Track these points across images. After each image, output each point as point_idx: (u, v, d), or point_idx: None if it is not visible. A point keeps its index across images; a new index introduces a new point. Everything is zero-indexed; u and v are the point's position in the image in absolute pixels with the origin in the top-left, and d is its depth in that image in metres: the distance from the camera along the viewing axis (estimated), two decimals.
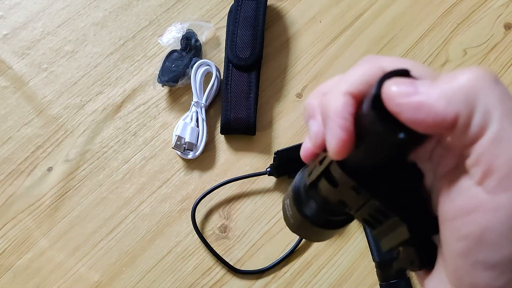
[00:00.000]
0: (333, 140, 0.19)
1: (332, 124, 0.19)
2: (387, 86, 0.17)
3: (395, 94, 0.16)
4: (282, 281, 0.51)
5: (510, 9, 0.60)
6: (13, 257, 0.51)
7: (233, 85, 0.55)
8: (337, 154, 0.19)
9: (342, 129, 0.18)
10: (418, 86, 0.16)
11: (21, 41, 0.59)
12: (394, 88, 0.16)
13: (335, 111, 0.19)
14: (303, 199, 0.25)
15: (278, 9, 0.60)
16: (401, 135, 0.17)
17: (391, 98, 0.16)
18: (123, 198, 0.53)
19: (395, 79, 0.17)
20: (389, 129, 0.17)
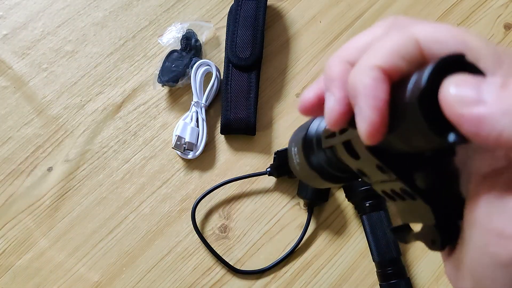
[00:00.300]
0: (364, 124, 0.16)
1: (363, 104, 0.16)
2: (446, 88, 0.14)
3: (456, 100, 0.14)
4: (282, 281, 0.51)
5: (510, 9, 0.60)
6: (13, 257, 0.51)
7: (233, 85, 0.55)
8: (369, 140, 0.17)
9: (376, 110, 0.16)
10: (483, 91, 0.14)
11: (21, 41, 0.59)
12: (454, 92, 0.14)
13: (366, 89, 0.16)
14: (315, 152, 0.23)
15: (278, 9, 0.60)
16: (451, 138, 0.15)
17: (450, 104, 0.14)
18: (123, 198, 0.53)
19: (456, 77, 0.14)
20: (436, 132, 0.15)
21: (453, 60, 0.15)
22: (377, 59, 0.17)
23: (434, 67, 0.15)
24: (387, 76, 0.17)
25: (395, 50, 0.17)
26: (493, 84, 0.14)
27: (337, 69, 0.19)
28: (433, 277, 0.51)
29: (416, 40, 0.17)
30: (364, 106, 0.16)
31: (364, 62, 0.17)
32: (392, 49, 0.17)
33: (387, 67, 0.17)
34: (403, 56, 0.17)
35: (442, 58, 0.15)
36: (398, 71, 0.17)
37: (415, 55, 0.17)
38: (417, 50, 0.17)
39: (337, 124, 0.18)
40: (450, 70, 0.15)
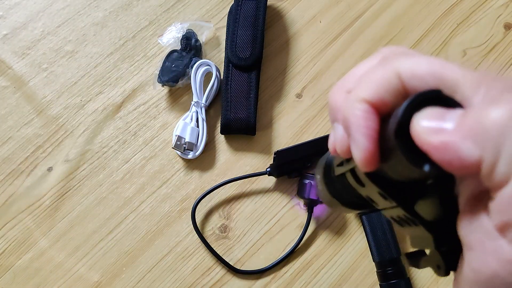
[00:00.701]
0: (358, 152, 0.18)
1: (355, 133, 0.18)
2: (415, 120, 0.16)
3: (423, 131, 0.16)
4: (282, 281, 0.51)
5: (510, 9, 0.60)
6: (13, 257, 0.51)
7: (233, 85, 0.55)
8: (364, 166, 0.18)
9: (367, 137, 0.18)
10: (446, 120, 0.16)
11: (21, 41, 0.59)
12: (421, 123, 0.16)
13: (357, 119, 0.18)
14: (333, 181, 0.25)
15: (278, 9, 0.60)
16: (426, 168, 0.16)
17: (418, 134, 0.16)
18: (123, 198, 0.53)
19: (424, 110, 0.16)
20: (413, 162, 0.16)
21: (429, 95, 0.16)
22: (364, 93, 0.18)
23: (409, 102, 0.16)
24: (374, 109, 0.18)
25: (380, 84, 0.18)
26: (455, 112, 0.16)
27: (339, 100, 0.21)
28: (433, 277, 0.51)
29: (398, 75, 0.18)
30: (356, 134, 0.18)
31: (353, 96, 0.19)
32: (377, 83, 0.18)
33: (374, 100, 0.18)
34: (387, 90, 0.18)
35: (417, 94, 0.16)
36: (384, 104, 0.18)
37: (398, 89, 0.18)
38: (400, 84, 0.18)
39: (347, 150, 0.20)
40: (427, 104, 0.16)
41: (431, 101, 0.16)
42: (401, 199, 0.19)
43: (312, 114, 0.56)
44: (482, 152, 0.15)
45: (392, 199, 0.19)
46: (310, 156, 0.52)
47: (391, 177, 0.19)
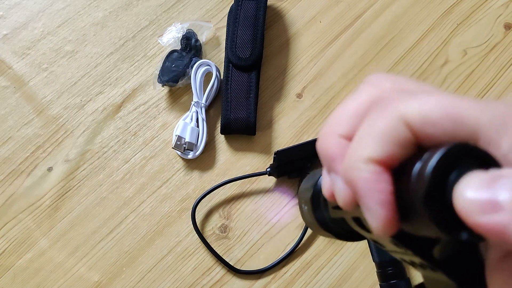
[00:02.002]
0: (375, 221, 0.15)
1: (369, 201, 0.15)
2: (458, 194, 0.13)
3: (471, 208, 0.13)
4: (282, 281, 0.51)
5: (510, 9, 0.60)
6: (13, 257, 0.51)
7: (233, 85, 0.55)
8: (385, 234, 0.15)
9: (384, 205, 0.15)
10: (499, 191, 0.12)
11: (21, 41, 0.59)
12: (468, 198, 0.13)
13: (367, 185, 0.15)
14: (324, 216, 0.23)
15: (278, 9, 0.60)
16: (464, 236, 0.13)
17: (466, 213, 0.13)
18: (123, 198, 0.53)
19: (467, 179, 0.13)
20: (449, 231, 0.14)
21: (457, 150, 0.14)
22: (369, 150, 0.15)
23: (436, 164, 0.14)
24: (384, 166, 0.15)
25: (386, 137, 0.15)
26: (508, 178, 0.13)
27: (334, 147, 0.18)
28: None
29: (405, 122, 0.15)
30: (370, 203, 0.15)
31: (355, 155, 0.16)
32: (382, 136, 0.15)
33: (382, 157, 0.15)
34: (395, 143, 0.15)
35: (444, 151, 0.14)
36: (394, 158, 0.15)
37: (408, 139, 0.15)
38: (410, 133, 0.15)
39: (352, 205, 0.17)
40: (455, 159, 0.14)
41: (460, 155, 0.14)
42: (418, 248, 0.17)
43: (313, 114, 0.56)
44: None
45: (408, 249, 0.17)
46: (310, 156, 0.52)
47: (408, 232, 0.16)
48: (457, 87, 0.57)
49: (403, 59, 0.58)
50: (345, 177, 0.16)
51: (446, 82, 0.57)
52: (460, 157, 0.14)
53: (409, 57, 0.58)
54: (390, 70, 0.58)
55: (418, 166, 0.14)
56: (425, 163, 0.14)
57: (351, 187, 0.16)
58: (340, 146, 0.18)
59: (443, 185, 0.14)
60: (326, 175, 0.19)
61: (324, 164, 0.19)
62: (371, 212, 0.15)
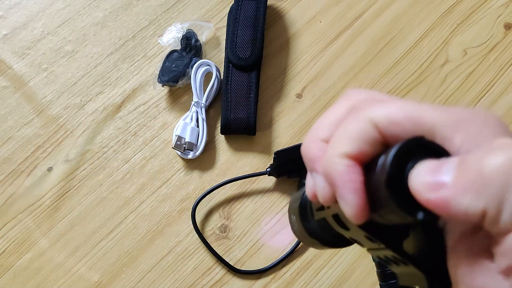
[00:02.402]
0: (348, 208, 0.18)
1: (342, 190, 0.18)
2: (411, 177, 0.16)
3: (421, 187, 0.16)
4: (282, 281, 0.51)
5: (510, 9, 0.60)
6: (13, 257, 0.51)
7: (233, 85, 0.55)
8: (357, 221, 0.18)
9: (356, 192, 0.18)
10: (443, 174, 0.15)
11: (21, 41, 0.59)
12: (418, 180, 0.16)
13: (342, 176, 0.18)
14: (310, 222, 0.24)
15: (278, 9, 0.60)
16: (420, 215, 0.16)
17: (417, 192, 0.16)
18: (123, 198, 0.53)
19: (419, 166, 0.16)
20: (409, 212, 0.16)
21: (413, 143, 0.16)
22: (343, 146, 0.18)
23: (396, 152, 0.16)
24: (356, 161, 0.18)
25: (358, 136, 0.18)
26: (451, 163, 0.16)
27: (315, 149, 0.20)
28: None
29: (374, 124, 0.18)
30: (343, 191, 0.18)
31: (332, 152, 0.18)
32: (355, 135, 0.18)
33: (354, 153, 0.18)
34: (365, 141, 0.18)
35: (402, 143, 0.16)
36: (364, 154, 0.18)
37: (376, 138, 0.18)
38: (377, 133, 0.18)
39: (331, 200, 0.19)
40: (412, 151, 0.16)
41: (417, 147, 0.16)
42: (389, 241, 0.19)
43: (313, 114, 0.56)
44: (485, 204, 0.15)
45: (380, 242, 0.19)
46: None
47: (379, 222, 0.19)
48: (457, 87, 0.57)
49: (403, 59, 0.58)
50: (324, 172, 0.19)
51: (446, 82, 0.57)
52: (416, 148, 0.16)
53: (409, 57, 0.58)
54: (390, 70, 0.58)
55: (382, 158, 0.17)
56: (387, 155, 0.17)
57: (329, 181, 0.19)
58: (320, 148, 0.20)
59: (402, 173, 0.16)
60: (309, 176, 0.21)
61: (307, 166, 0.21)
62: (345, 201, 0.18)
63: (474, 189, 0.15)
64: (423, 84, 0.57)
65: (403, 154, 0.16)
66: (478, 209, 0.15)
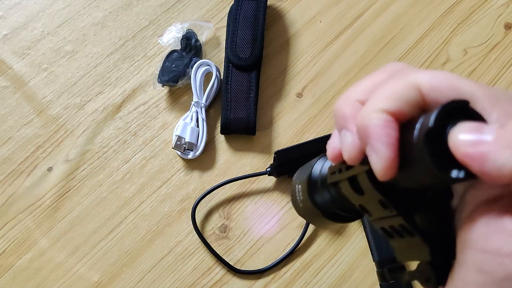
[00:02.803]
0: (379, 161, 0.18)
1: (376, 142, 0.18)
2: (454, 134, 0.16)
3: (462, 143, 0.16)
4: (282, 281, 0.51)
5: (510, 9, 0.60)
6: (13, 257, 0.51)
7: (233, 85, 0.55)
8: (384, 175, 0.18)
9: (389, 146, 0.18)
10: (485, 133, 0.16)
11: (21, 41, 0.59)
12: (461, 137, 0.16)
13: (378, 129, 0.18)
14: (319, 190, 0.24)
15: (278, 9, 0.60)
16: (454, 174, 0.16)
17: (458, 147, 0.16)
18: (123, 198, 0.53)
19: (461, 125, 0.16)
20: (443, 170, 0.16)
21: (457, 105, 0.17)
22: (383, 103, 0.18)
23: (440, 110, 0.16)
24: (394, 117, 0.18)
25: (399, 95, 0.18)
26: (492, 126, 0.16)
27: (349, 108, 0.20)
28: None
29: (417, 87, 0.18)
30: (377, 143, 0.18)
31: (371, 106, 0.19)
32: (396, 94, 0.18)
33: (393, 110, 0.18)
34: (406, 101, 0.18)
35: (448, 103, 0.17)
36: (403, 114, 0.18)
37: (417, 100, 0.18)
38: (419, 96, 0.18)
39: (356, 158, 0.20)
40: (453, 114, 0.17)
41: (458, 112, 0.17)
42: (403, 208, 0.19)
43: (313, 113, 0.56)
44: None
45: (394, 208, 0.19)
46: (310, 156, 0.51)
47: (399, 186, 0.19)
48: None
49: (403, 59, 0.58)
50: (359, 125, 0.19)
51: None
52: (458, 112, 0.17)
53: (410, 57, 0.58)
54: None
55: (422, 118, 0.17)
56: (429, 114, 0.17)
57: (362, 134, 0.19)
58: (354, 107, 0.20)
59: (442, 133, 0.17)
60: (335, 136, 0.21)
61: (337, 123, 0.21)
62: (377, 153, 0.18)
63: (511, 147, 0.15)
64: None
65: (447, 114, 0.17)
66: None
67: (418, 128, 0.17)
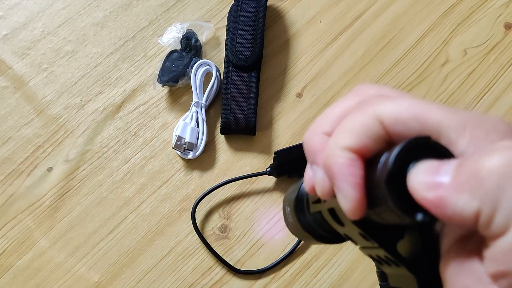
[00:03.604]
0: (345, 201, 0.17)
1: (341, 183, 0.17)
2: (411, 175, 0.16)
3: (419, 186, 0.16)
4: (282, 281, 0.51)
5: (510, 9, 0.60)
6: (13, 257, 0.51)
7: (233, 85, 0.55)
8: (353, 215, 0.18)
9: (355, 187, 0.17)
10: (442, 175, 0.15)
11: (21, 41, 0.59)
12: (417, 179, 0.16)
13: (342, 169, 0.17)
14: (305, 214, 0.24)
15: (278, 9, 0.60)
16: (419, 217, 0.16)
17: (415, 190, 0.16)
18: (123, 198, 0.53)
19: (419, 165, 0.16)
20: (407, 213, 0.16)
21: (419, 142, 0.16)
22: (346, 140, 0.18)
23: (400, 150, 0.16)
24: (358, 155, 0.18)
25: (362, 131, 0.18)
26: (451, 164, 0.16)
27: (317, 141, 0.20)
28: None
29: (380, 120, 0.17)
30: (343, 184, 0.17)
31: (334, 144, 0.18)
32: (359, 129, 0.18)
33: (356, 147, 0.17)
34: (369, 136, 0.17)
35: (407, 142, 0.16)
36: (367, 150, 0.18)
37: (381, 134, 0.18)
38: (382, 130, 0.18)
39: (329, 194, 0.19)
40: (416, 150, 0.16)
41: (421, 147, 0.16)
42: (383, 241, 0.19)
43: (313, 114, 0.56)
44: (480, 205, 0.15)
45: (374, 240, 0.19)
46: None
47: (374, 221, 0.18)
48: (457, 86, 0.57)
49: (403, 59, 0.58)
50: (324, 164, 0.19)
51: (446, 82, 0.57)
52: (421, 148, 0.16)
53: (409, 57, 0.58)
54: (390, 70, 0.58)
55: (385, 156, 0.16)
56: (390, 152, 0.16)
57: (328, 173, 0.18)
58: (322, 141, 0.20)
59: (404, 172, 0.16)
60: (309, 169, 0.21)
61: (308, 158, 0.21)
62: (343, 194, 0.17)
63: (469, 189, 0.15)
64: (423, 84, 0.57)
65: (407, 153, 0.16)
66: (473, 209, 0.15)
67: (379, 169, 0.16)
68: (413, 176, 0.16)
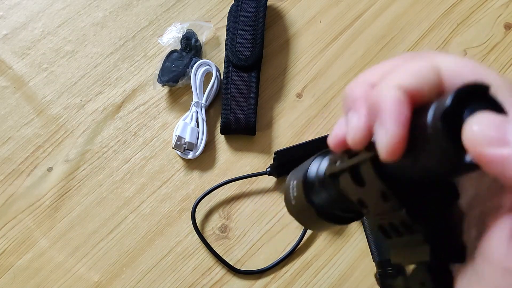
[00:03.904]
0: (386, 137, 0.17)
1: (387, 118, 0.17)
2: (470, 124, 0.15)
3: (480, 139, 0.14)
4: (282, 281, 0.51)
5: (510, 9, 0.60)
6: (13, 257, 0.51)
7: (233, 85, 0.55)
8: (390, 154, 0.17)
9: (399, 124, 0.16)
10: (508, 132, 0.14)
11: (21, 41, 0.59)
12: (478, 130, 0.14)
13: (391, 104, 0.17)
14: (315, 186, 0.23)
15: (278, 9, 0.60)
16: (468, 158, 0.15)
17: (474, 142, 0.14)
18: (123, 198, 0.53)
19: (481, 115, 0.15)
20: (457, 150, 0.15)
21: (477, 89, 0.15)
22: (402, 79, 0.17)
23: (460, 90, 0.15)
24: (409, 97, 0.17)
25: (418, 74, 0.17)
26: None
27: (360, 90, 0.19)
28: None
29: (438, 69, 0.17)
30: (388, 120, 0.17)
31: (388, 81, 0.18)
32: (416, 72, 0.17)
33: (410, 88, 0.17)
34: (424, 81, 0.17)
35: (468, 84, 0.15)
36: (419, 94, 0.17)
37: (435, 83, 0.17)
38: (438, 79, 0.17)
39: (362, 140, 0.18)
40: (472, 99, 0.15)
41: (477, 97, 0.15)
42: (406, 200, 0.18)
43: (313, 113, 0.56)
44: None
45: (395, 198, 0.18)
46: (310, 156, 0.52)
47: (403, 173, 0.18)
48: None
49: None
50: (372, 99, 0.18)
51: None
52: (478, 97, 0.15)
53: None
54: None
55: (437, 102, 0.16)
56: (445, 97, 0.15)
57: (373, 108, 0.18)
58: (366, 90, 0.19)
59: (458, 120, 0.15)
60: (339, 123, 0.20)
61: (345, 106, 0.20)
62: (386, 130, 0.17)
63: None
64: None
65: (465, 97, 0.15)
66: None
67: (434, 108, 0.16)
68: (473, 124, 0.15)
